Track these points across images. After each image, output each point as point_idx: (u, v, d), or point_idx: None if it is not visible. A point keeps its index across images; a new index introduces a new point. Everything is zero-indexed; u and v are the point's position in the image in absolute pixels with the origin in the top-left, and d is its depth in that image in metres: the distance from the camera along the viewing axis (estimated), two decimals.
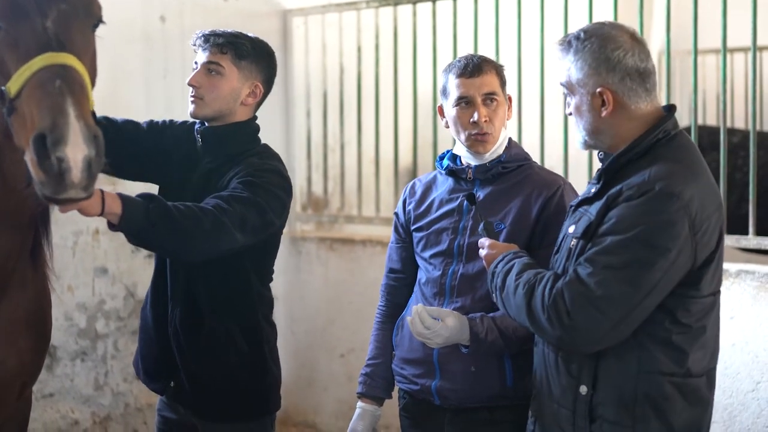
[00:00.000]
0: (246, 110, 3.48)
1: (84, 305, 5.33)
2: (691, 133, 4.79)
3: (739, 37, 5.46)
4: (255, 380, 3.47)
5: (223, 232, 3.07)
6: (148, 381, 3.59)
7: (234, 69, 3.39)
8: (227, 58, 3.38)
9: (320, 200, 6.57)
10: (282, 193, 3.34)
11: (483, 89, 3.28)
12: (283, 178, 3.40)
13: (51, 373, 5.19)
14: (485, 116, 3.27)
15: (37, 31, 2.55)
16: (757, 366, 4.33)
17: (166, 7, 5.69)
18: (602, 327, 2.63)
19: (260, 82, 3.47)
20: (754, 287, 4.37)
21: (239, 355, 3.43)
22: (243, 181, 3.25)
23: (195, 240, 3.01)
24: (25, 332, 3.04)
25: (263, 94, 3.51)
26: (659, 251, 2.60)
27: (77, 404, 5.31)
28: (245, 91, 3.43)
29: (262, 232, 3.24)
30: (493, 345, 3.18)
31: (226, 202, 3.11)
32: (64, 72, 2.50)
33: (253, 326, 3.48)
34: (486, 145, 3.30)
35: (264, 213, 3.21)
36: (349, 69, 6.39)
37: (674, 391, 2.70)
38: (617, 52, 2.74)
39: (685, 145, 2.79)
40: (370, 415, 3.48)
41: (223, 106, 3.41)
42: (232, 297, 3.43)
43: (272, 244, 3.53)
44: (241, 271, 3.42)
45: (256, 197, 3.20)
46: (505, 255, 2.96)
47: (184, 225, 2.96)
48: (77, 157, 2.39)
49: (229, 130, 3.45)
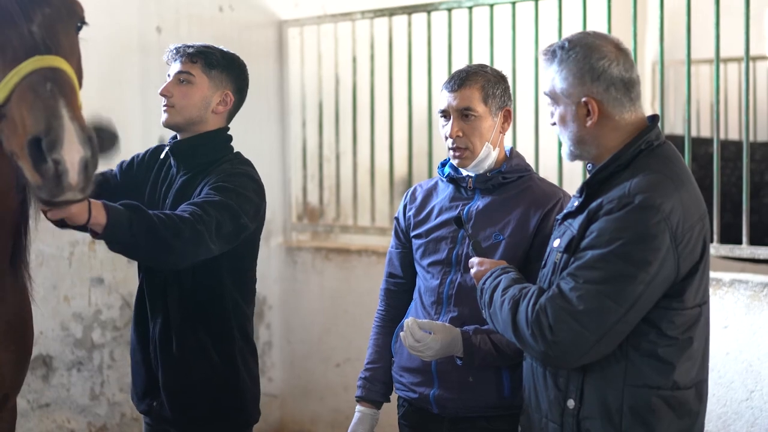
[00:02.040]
0: (217, 119, 3.52)
1: (80, 315, 5.33)
2: (685, 143, 4.81)
3: (733, 47, 5.49)
4: (228, 393, 3.48)
5: (201, 241, 3.10)
6: (137, 402, 3.62)
7: (204, 77, 3.45)
8: (197, 67, 3.45)
9: (316, 210, 6.58)
10: (254, 196, 3.37)
11: (459, 104, 3.28)
12: (254, 181, 3.43)
13: (47, 383, 5.19)
14: (457, 131, 3.28)
15: (23, 36, 2.54)
16: (750, 375, 4.34)
17: (162, 18, 5.71)
18: (585, 342, 2.62)
19: (231, 91, 3.52)
20: (748, 296, 4.38)
21: (211, 366, 3.44)
22: (215, 187, 3.29)
23: (175, 249, 3.03)
24: (4, 344, 3.00)
25: (234, 103, 3.55)
26: (640, 265, 2.58)
27: (73, 414, 5.31)
28: (216, 99, 3.48)
29: (236, 238, 3.27)
30: (486, 358, 3.19)
31: (201, 209, 3.14)
32: (54, 75, 2.50)
33: (226, 337, 3.48)
34: (462, 161, 3.31)
35: (237, 217, 3.24)
36: (344, 79, 6.41)
37: (661, 403, 2.69)
38: (602, 62, 2.74)
39: (668, 155, 2.77)
40: (369, 418, 3.47)
41: (194, 113, 3.46)
42: (205, 305, 3.44)
43: (249, 249, 3.52)
44: (216, 278, 3.43)
45: (229, 200, 3.23)
46: (493, 271, 2.96)
47: (165, 235, 2.98)
48: (74, 159, 2.40)
49: (199, 139, 3.49)
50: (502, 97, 3.35)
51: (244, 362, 3.52)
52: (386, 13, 6.02)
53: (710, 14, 4.73)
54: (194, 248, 3.09)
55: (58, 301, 5.22)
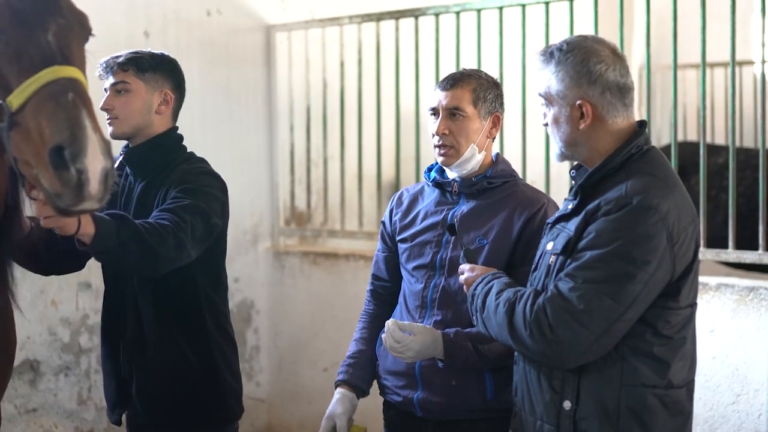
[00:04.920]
0: (163, 120, 3.54)
1: (67, 320, 5.32)
2: (671, 148, 4.83)
3: (719, 52, 5.51)
4: (206, 389, 3.49)
5: (183, 248, 3.13)
6: (109, 413, 3.63)
7: (140, 82, 3.47)
8: (131, 74, 3.47)
9: (303, 214, 6.58)
10: (220, 194, 3.42)
11: (448, 102, 3.31)
12: (217, 179, 3.48)
13: (34, 388, 5.17)
14: (444, 129, 3.31)
15: (40, 45, 2.54)
16: (737, 379, 4.35)
17: (150, 21, 5.70)
18: (585, 341, 2.65)
19: (169, 89, 3.54)
20: (734, 300, 4.40)
21: (187, 364, 3.45)
22: (182, 189, 3.32)
23: (160, 256, 3.05)
24: None
25: (175, 101, 3.57)
26: (639, 264, 2.62)
27: (60, 419, 5.29)
28: (156, 100, 3.51)
29: (209, 238, 3.31)
30: (468, 360, 3.20)
31: (177, 216, 3.17)
32: (74, 85, 2.50)
33: (202, 335, 3.49)
34: (447, 159, 3.34)
35: (208, 218, 3.28)
36: (332, 84, 6.41)
37: (657, 402, 2.72)
38: (599, 66, 2.77)
39: (657, 159, 2.82)
40: (350, 400, 3.43)
41: (139, 120, 3.48)
42: (179, 304, 3.45)
43: (219, 246, 3.55)
44: (188, 277, 3.44)
45: (199, 202, 3.27)
46: (484, 277, 2.98)
47: (150, 243, 3.00)
48: (96, 169, 2.42)
49: (151, 143, 3.51)
50: (493, 103, 3.37)
51: (224, 359, 3.54)
52: (374, 18, 6.03)
53: (696, 19, 4.75)
54: (177, 255, 3.13)
55: (45, 306, 5.20)
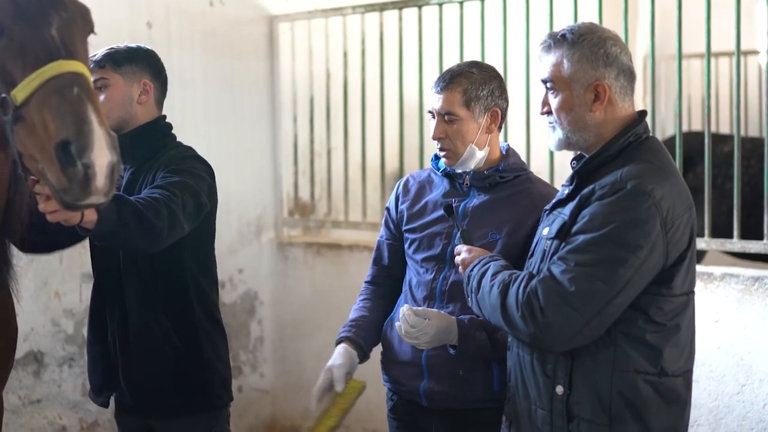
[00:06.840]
0: (146, 110, 3.56)
1: (71, 311, 5.32)
2: (676, 138, 4.82)
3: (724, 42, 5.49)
4: (193, 375, 3.49)
5: (176, 220, 3.14)
6: (94, 397, 3.63)
7: (117, 76, 3.49)
8: (108, 70, 3.48)
9: (307, 205, 6.57)
10: (207, 176, 3.44)
11: (441, 107, 3.32)
12: (204, 163, 3.50)
13: (38, 379, 5.18)
14: (440, 133, 3.32)
15: (44, 39, 2.53)
16: (742, 369, 4.35)
17: (152, 13, 5.69)
18: (575, 324, 2.65)
19: (148, 79, 3.55)
20: (739, 290, 4.39)
21: (172, 348, 3.45)
22: (170, 170, 3.34)
23: (156, 230, 3.05)
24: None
25: (156, 89, 3.59)
26: (631, 248, 2.63)
27: (65, 410, 5.30)
28: (136, 91, 3.52)
29: (198, 216, 3.31)
30: (481, 347, 3.19)
31: (168, 191, 3.17)
32: (79, 80, 2.50)
33: (189, 320, 3.49)
34: (448, 160, 3.36)
35: (198, 195, 3.29)
36: (335, 74, 6.40)
37: (649, 389, 2.73)
38: (614, 48, 2.80)
39: (655, 147, 2.84)
40: (351, 356, 3.40)
41: (122, 112, 3.49)
42: (165, 289, 3.45)
43: (207, 229, 3.56)
44: (176, 262, 3.45)
45: (187, 180, 3.28)
46: (481, 258, 2.99)
47: (148, 218, 3.01)
48: (103, 163, 2.41)
49: (137, 132, 3.52)
50: (489, 98, 3.33)
51: (211, 345, 3.54)
52: (377, 8, 6.02)
53: (701, 9, 4.74)
54: (171, 227, 3.12)
55: (48, 297, 5.20)
